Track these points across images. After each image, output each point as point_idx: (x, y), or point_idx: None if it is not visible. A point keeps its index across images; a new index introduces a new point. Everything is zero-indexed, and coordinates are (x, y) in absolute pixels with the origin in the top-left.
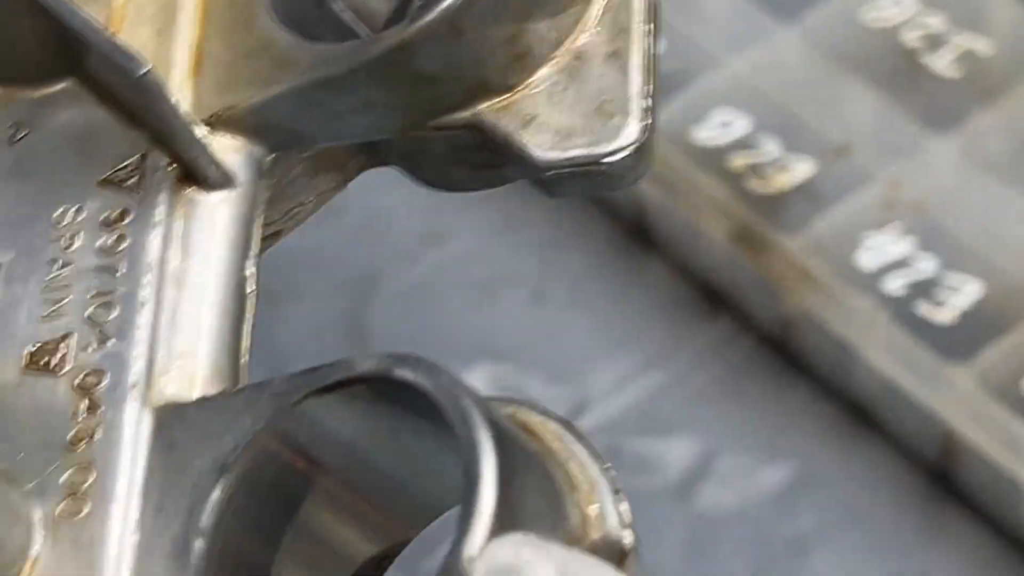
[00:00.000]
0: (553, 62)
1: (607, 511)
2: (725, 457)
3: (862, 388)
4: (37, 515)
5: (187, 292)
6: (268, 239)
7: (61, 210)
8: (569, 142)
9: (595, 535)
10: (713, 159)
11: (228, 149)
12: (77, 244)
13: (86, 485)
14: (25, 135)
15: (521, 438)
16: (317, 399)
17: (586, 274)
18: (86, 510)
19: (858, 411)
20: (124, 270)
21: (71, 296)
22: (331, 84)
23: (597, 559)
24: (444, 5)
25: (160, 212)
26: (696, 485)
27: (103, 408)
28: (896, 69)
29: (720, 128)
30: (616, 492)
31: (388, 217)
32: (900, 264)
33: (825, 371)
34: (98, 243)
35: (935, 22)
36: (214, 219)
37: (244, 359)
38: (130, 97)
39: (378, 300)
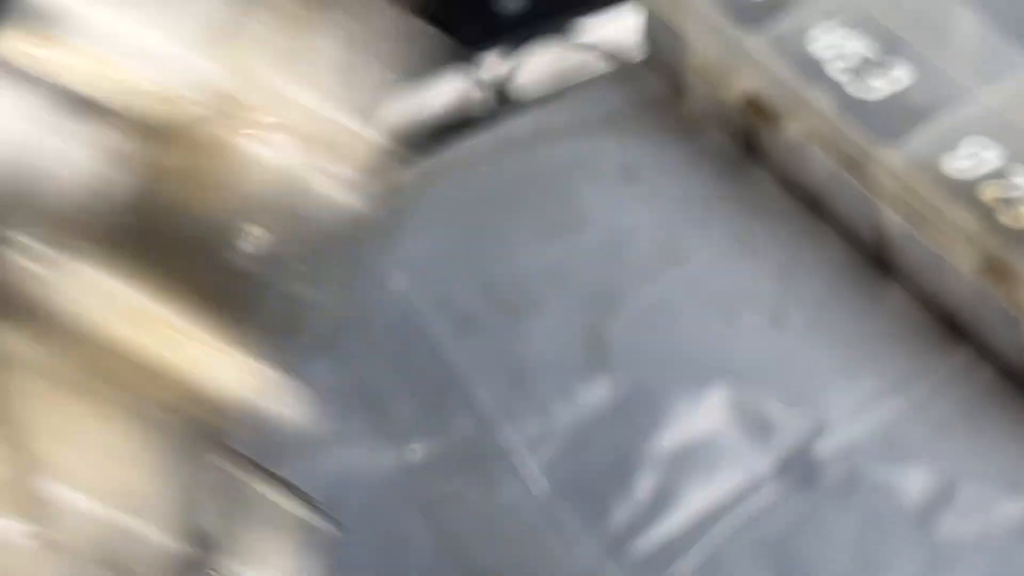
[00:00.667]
0: None
1: None
2: (965, 487)
3: None
4: None
5: None
6: None
7: None
8: None
9: None
10: (963, 190)
11: None
12: None
13: None
14: None
15: None
16: None
17: (826, 298)
18: None
19: None
20: None
21: None
22: None
23: None
24: None
25: None
26: (935, 513)
27: None
28: None
29: (970, 160)
30: None
31: (628, 235)
32: None
33: None
34: None
35: None
36: None
37: None
38: None
39: (618, 317)
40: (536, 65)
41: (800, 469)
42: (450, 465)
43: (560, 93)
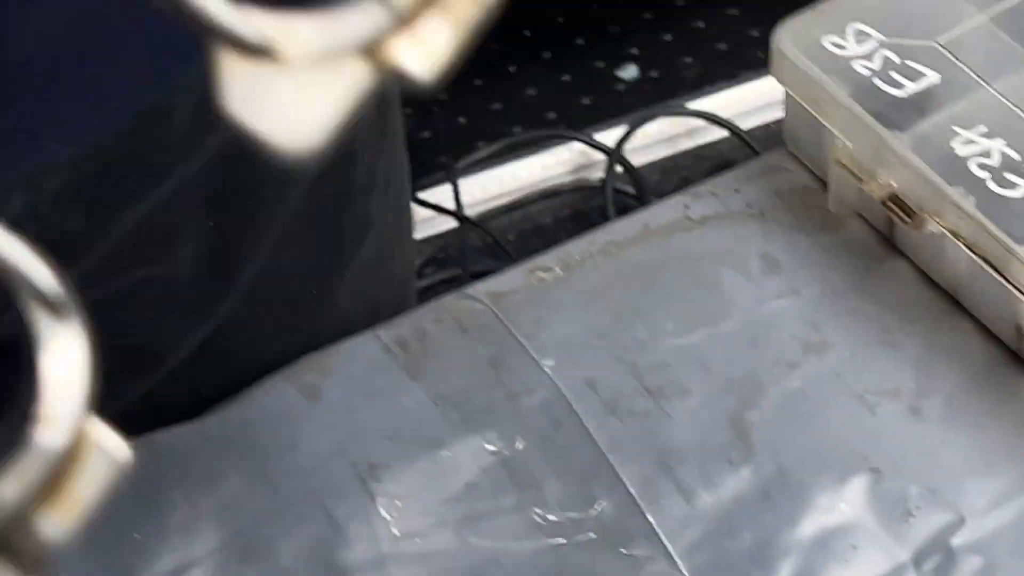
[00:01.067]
0: None
1: None
2: None
3: None
4: None
5: None
6: None
7: None
8: None
9: None
10: None
11: None
12: None
13: None
14: None
15: None
16: None
17: (964, 391)
18: None
19: None
20: None
21: None
22: None
23: None
24: None
25: None
26: None
27: None
28: None
29: None
30: None
31: (769, 324)
32: None
33: None
34: None
35: None
36: None
37: None
38: None
39: (760, 404)
40: (650, 133)
41: (937, 560)
42: (594, 545)
43: (703, 180)
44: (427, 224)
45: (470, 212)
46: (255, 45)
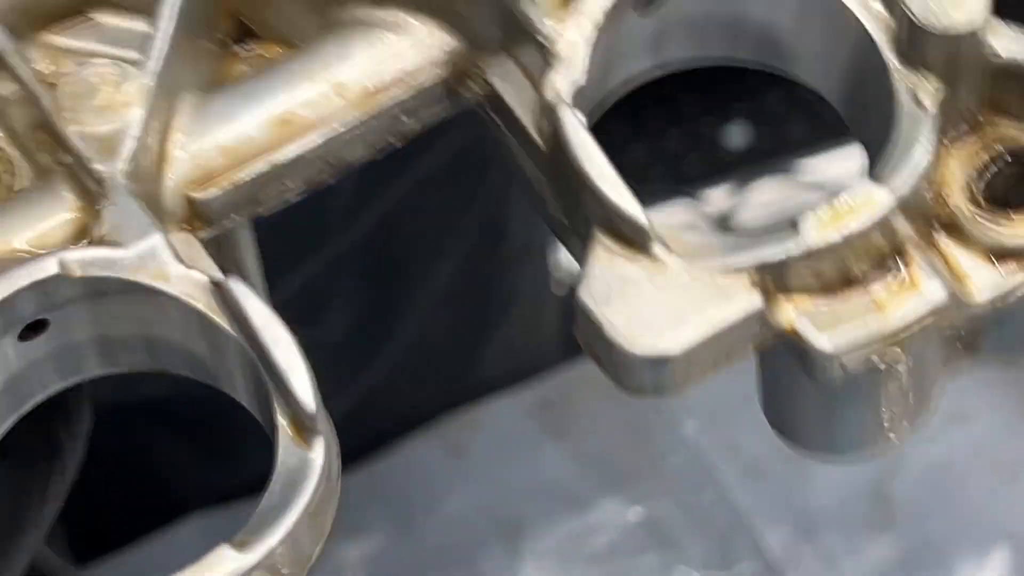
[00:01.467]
0: None
1: None
2: None
3: None
4: None
5: None
6: None
7: None
8: None
9: None
10: None
11: None
12: None
13: None
14: None
15: None
16: None
17: None
18: None
19: None
20: None
21: None
22: None
23: None
24: None
25: None
26: None
27: None
28: None
29: None
30: None
31: None
32: None
33: None
34: None
35: None
36: None
37: None
38: None
39: (902, 473)
40: (759, 201)
41: None
42: None
43: None
44: None
45: None
46: (640, 236)
